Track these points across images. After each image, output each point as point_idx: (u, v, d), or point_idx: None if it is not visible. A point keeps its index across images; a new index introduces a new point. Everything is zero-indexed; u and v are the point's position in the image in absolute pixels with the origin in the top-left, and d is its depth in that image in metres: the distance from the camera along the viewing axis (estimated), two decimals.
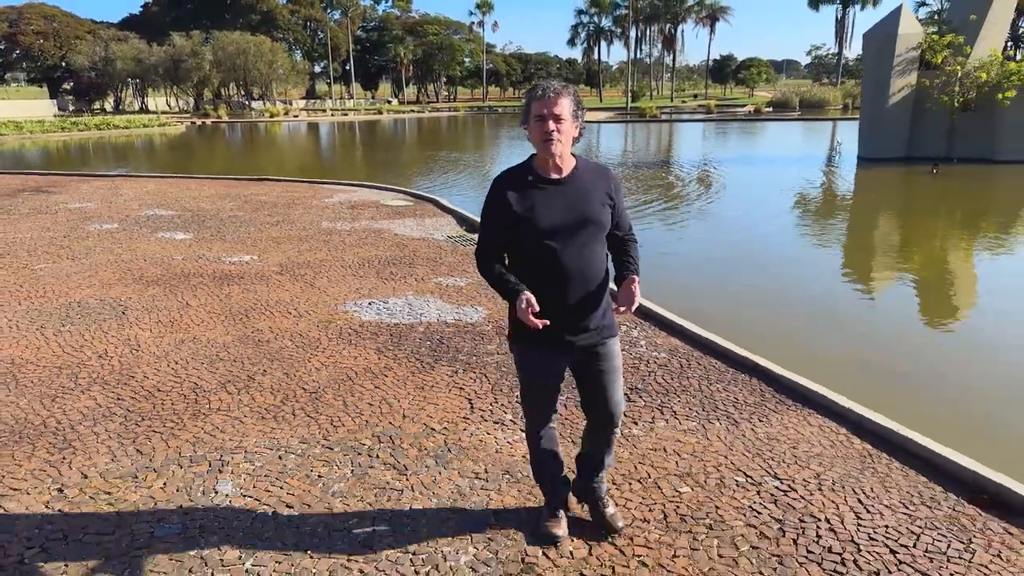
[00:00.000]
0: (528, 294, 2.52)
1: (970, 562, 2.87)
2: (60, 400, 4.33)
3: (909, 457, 3.70)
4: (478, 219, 10.50)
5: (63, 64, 79.57)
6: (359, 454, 3.69)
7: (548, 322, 2.54)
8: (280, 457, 3.66)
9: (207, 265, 7.85)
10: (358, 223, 10.49)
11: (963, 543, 2.99)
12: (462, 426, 4.02)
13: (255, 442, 3.82)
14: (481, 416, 4.15)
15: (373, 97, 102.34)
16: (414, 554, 2.89)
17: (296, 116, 62.31)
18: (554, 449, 2.94)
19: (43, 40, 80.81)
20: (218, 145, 33.10)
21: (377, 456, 3.67)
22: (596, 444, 2.97)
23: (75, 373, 4.75)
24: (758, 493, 3.34)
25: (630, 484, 3.42)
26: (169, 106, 77.83)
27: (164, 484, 3.40)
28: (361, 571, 2.78)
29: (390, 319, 5.95)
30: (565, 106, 2.55)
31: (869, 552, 2.92)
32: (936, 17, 18.75)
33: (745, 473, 3.52)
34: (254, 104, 72.36)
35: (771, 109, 58.39)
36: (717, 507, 3.23)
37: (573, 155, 2.70)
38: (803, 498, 3.31)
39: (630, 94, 77.97)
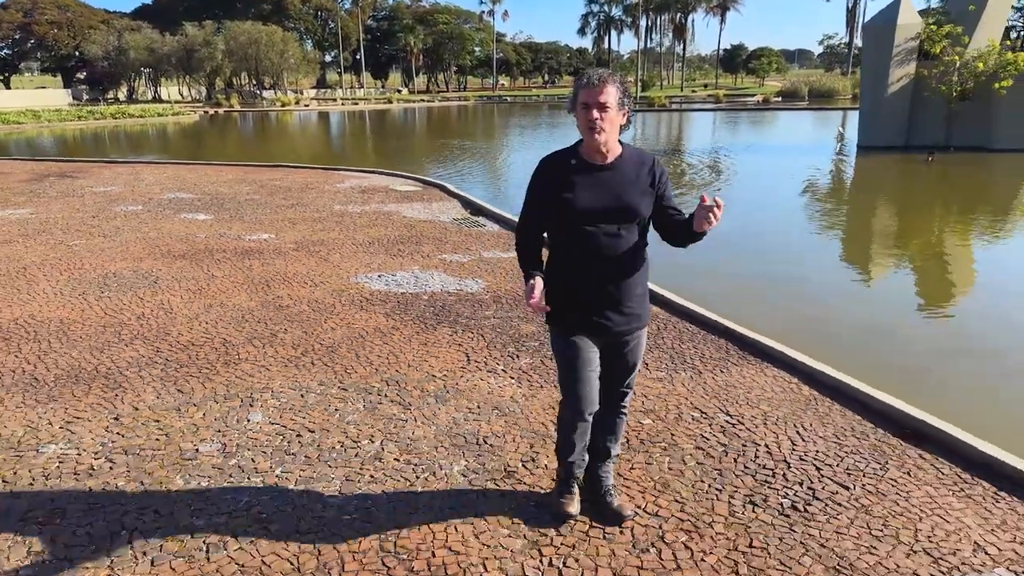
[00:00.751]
0: (536, 280, 2.64)
1: (882, 477, 3.42)
2: (107, 351, 4.93)
3: (849, 400, 4.24)
4: (482, 203, 11.09)
5: (77, 53, 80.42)
6: (370, 394, 4.27)
7: (549, 308, 2.68)
8: (302, 396, 4.24)
9: (228, 242, 8.45)
10: (369, 206, 11.07)
11: (880, 464, 3.54)
12: (459, 374, 4.59)
13: (280, 384, 4.41)
14: (476, 366, 4.72)
15: (383, 86, 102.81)
16: (416, 465, 3.47)
17: (307, 105, 62.90)
18: (581, 438, 2.96)
19: (57, 30, 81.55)
20: (232, 133, 33.75)
21: (385, 395, 4.25)
22: (604, 430, 3.03)
23: (118, 331, 5.36)
24: (709, 425, 3.91)
25: None
26: (181, 95, 78.58)
27: (203, 415, 4.00)
28: (371, 477, 3.37)
29: (397, 289, 6.53)
30: (611, 94, 2.57)
31: (798, 468, 3.48)
32: (935, 8, 19.01)
33: (701, 410, 4.08)
34: (265, 93, 73.03)
35: (780, 99, 58.53)
36: (672, 434, 3.79)
37: (620, 143, 2.73)
38: (748, 429, 3.86)
39: (640, 83, 78.11)
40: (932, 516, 3.10)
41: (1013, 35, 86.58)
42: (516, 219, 9.58)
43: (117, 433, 3.78)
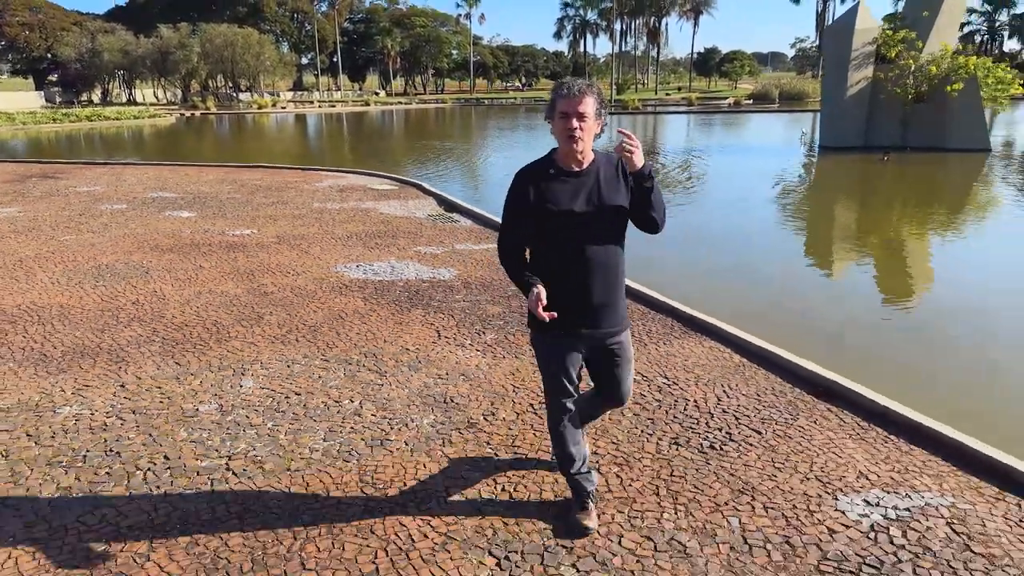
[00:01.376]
0: (539, 288, 2.64)
1: (791, 424, 3.99)
2: (107, 332, 5.39)
3: (773, 366, 4.82)
4: (456, 200, 11.61)
5: (49, 56, 79.62)
6: (349, 364, 4.78)
7: (556, 315, 2.64)
8: (288, 366, 4.74)
9: (213, 237, 8.90)
10: (347, 203, 11.54)
11: (791, 415, 4.12)
12: (431, 347, 5.11)
13: (268, 357, 4.90)
14: (446, 341, 5.24)
15: (360, 89, 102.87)
16: (390, 419, 3.99)
17: (284, 108, 62.99)
18: (575, 441, 2.97)
19: (28, 31, 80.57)
20: (209, 135, 33.94)
21: (363, 365, 4.76)
22: (595, 409, 3.21)
23: (115, 314, 5.81)
24: (648, 386, 4.46)
25: None
26: (157, 98, 78.15)
27: (200, 382, 4.48)
28: (352, 428, 3.88)
29: (375, 277, 7.03)
30: (589, 105, 2.64)
31: (719, 418, 4.04)
32: (891, 14, 19.82)
33: (642, 374, 4.64)
34: (242, 96, 72.91)
35: (751, 101, 59.64)
36: None
37: (593, 151, 2.80)
38: (681, 389, 4.43)
39: (615, 87, 78.99)
40: (828, 453, 3.68)
41: (977, 39, 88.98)
42: (488, 215, 10.11)
43: (124, 397, 4.25)
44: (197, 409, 4.10)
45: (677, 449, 3.67)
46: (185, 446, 3.67)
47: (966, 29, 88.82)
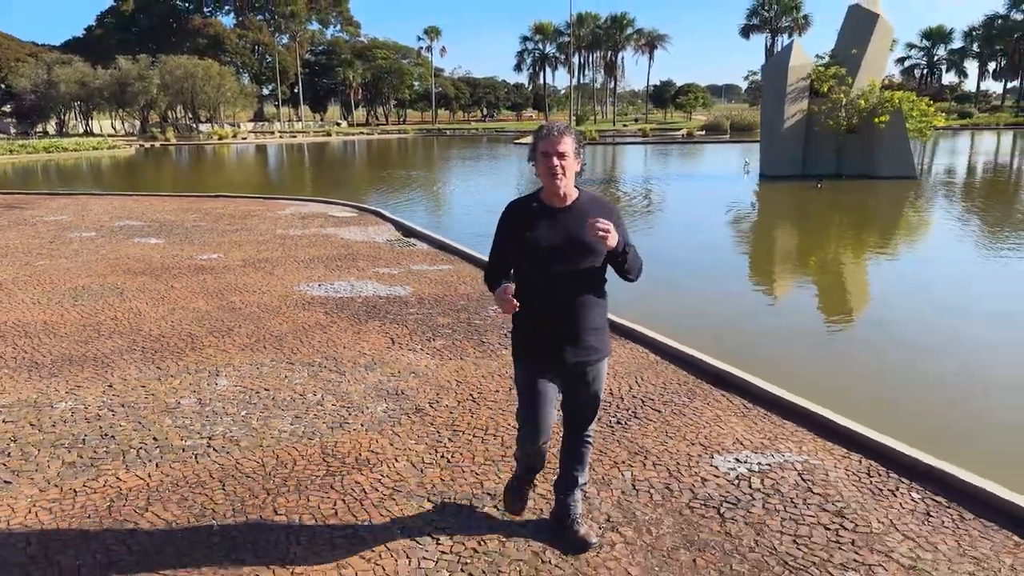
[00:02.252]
0: (505, 283, 2.83)
1: (687, 405, 4.75)
2: (91, 343, 5.96)
3: (681, 362, 5.59)
4: (414, 226, 12.32)
5: (2, 86, 78.77)
6: (312, 366, 5.43)
7: (518, 304, 2.79)
8: (257, 368, 5.37)
9: (182, 261, 9.46)
10: (308, 230, 12.17)
11: (688, 399, 4.87)
12: (385, 352, 5.79)
13: (239, 360, 5.52)
14: (399, 347, 5.92)
15: (322, 119, 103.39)
16: (348, 407, 4.65)
17: (245, 138, 63.26)
18: (541, 462, 3.12)
19: None
20: (170, 166, 34.20)
21: (324, 367, 5.41)
22: (571, 457, 3.19)
23: (96, 328, 6.37)
24: None
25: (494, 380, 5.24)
26: (114, 129, 77.66)
27: (179, 382, 5.09)
28: (315, 415, 4.53)
29: (335, 294, 7.68)
30: (568, 144, 2.83)
31: (628, 402, 4.79)
32: (823, 52, 21.30)
33: None
34: (202, 127, 72.94)
35: (704, 132, 61.63)
36: None
37: (577, 188, 2.96)
38: None
39: (575, 118, 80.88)
40: (713, 426, 4.44)
41: (917, 73, 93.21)
42: (444, 240, 10.88)
43: (113, 394, 4.84)
44: (179, 402, 4.71)
45: None
46: (170, 430, 4.29)
47: (907, 63, 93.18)
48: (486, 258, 3.31)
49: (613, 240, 2.75)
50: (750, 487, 3.70)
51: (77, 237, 11.42)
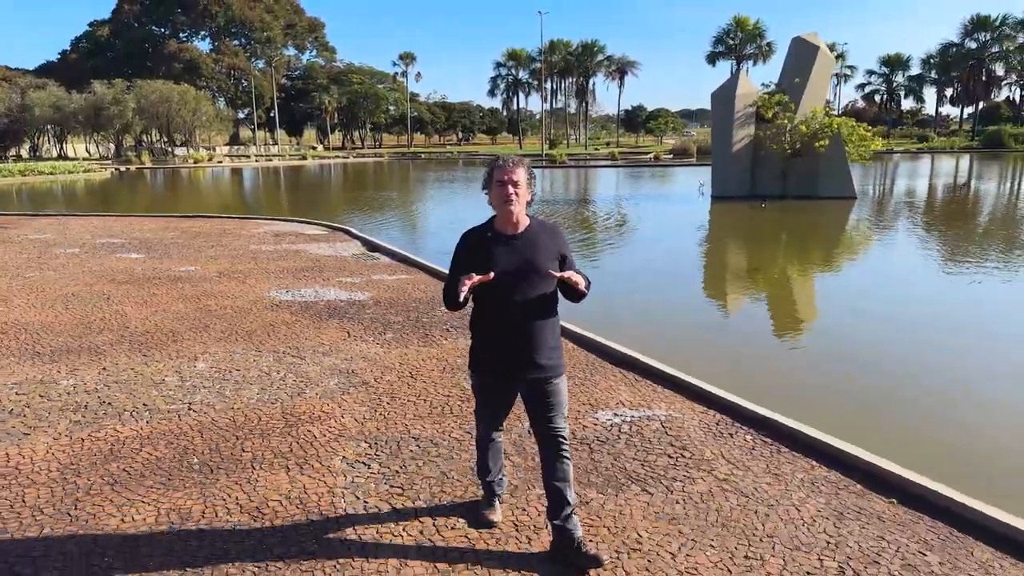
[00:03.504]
0: (463, 277, 2.99)
1: (588, 379, 5.76)
2: (85, 338, 6.85)
3: (595, 349, 6.60)
4: (379, 242, 13.30)
5: None
6: (277, 352, 6.38)
7: (478, 278, 2.97)
8: (231, 355, 6.31)
9: (162, 272, 10.35)
10: (280, 246, 13.10)
11: (591, 375, 5.88)
12: (341, 343, 6.74)
13: (215, 349, 6.45)
14: (354, 339, 6.88)
15: (298, 143, 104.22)
16: (306, 382, 5.60)
17: (220, 162, 63.90)
18: (495, 458, 3.52)
19: None
20: (146, 189, 34.89)
21: (288, 354, 6.36)
22: (552, 477, 3.22)
23: (88, 327, 7.26)
24: None
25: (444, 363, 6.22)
26: (89, 152, 77.86)
27: (163, 365, 6.01)
28: (278, 387, 5.47)
29: (301, 299, 8.63)
30: (521, 174, 3.08)
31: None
32: (768, 82, 22.93)
33: None
34: (178, 151, 73.43)
35: (672, 156, 63.42)
36: None
37: (528, 216, 3.19)
38: None
39: (548, 142, 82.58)
40: (605, 392, 5.45)
41: (877, 98, 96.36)
42: (406, 253, 11.99)
43: (107, 375, 5.75)
44: (164, 380, 5.64)
45: None
46: (157, 398, 5.21)
47: (867, 89, 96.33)
48: (442, 268, 4.23)
49: (579, 279, 3.09)
50: (619, 431, 4.71)
51: (62, 253, 12.25)
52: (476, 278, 2.97)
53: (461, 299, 3.00)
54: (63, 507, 3.70)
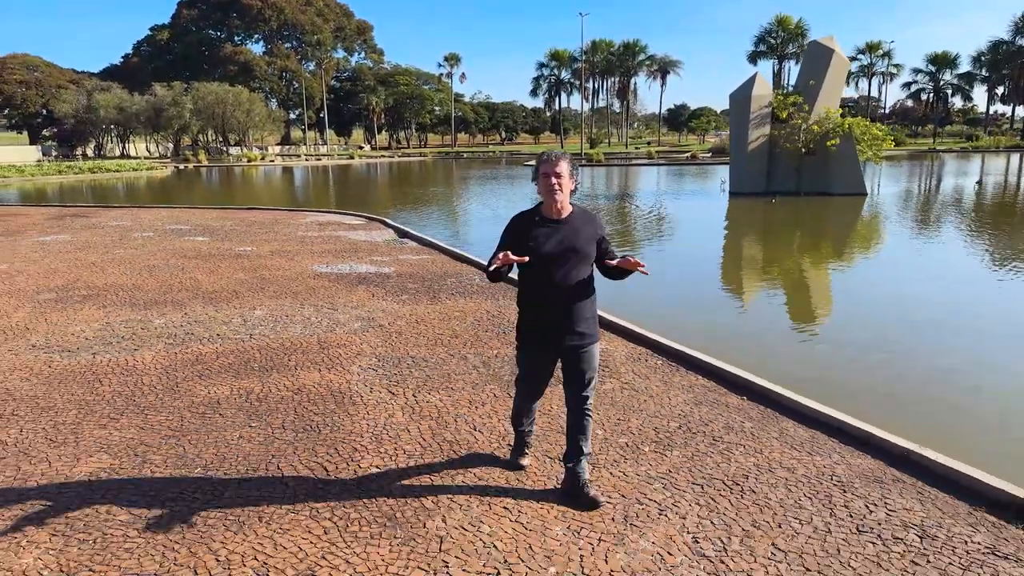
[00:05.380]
0: (500, 254, 3.35)
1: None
2: (168, 294, 8.73)
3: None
4: (408, 229, 15.07)
5: (44, 111, 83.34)
6: (316, 306, 8.14)
7: (514, 257, 3.33)
8: (281, 306, 8.09)
9: (224, 251, 12.28)
10: (323, 232, 14.98)
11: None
12: (367, 301, 8.48)
13: (269, 303, 8.26)
14: (377, 299, 8.60)
15: (346, 143, 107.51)
16: (336, 324, 7.34)
17: (272, 161, 66.87)
18: (529, 422, 4.01)
19: (25, 89, 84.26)
20: (205, 185, 37.50)
21: (324, 307, 8.12)
22: (576, 430, 3.66)
23: (169, 287, 9.16)
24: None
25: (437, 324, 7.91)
26: (149, 151, 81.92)
27: (230, 312, 7.81)
28: (316, 326, 7.22)
29: (337, 271, 10.42)
30: (564, 167, 3.43)
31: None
32: (785, 84, 24.21)
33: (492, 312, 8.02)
34: (232, 150, 76.86)
35: (710, 155, 64.17)
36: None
37: (572, 204, 3.51)
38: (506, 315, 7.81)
39: (589, 142, 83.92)
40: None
41: (923, 97, 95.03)
42: (431, 239, 13.95)
43: (188, 318, 7.58)
44: (231, 320, 7.45)
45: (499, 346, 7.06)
46: (227, 331, 7.02)
47: (913, 87, 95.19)
48: (459, 251, 5.70)
49: (643, 267, 3.36)
50: None
51: (139, 236, 14.33)
52: (511, 257, 3.34)
53: (491, 268, 3.39)
54: (169, 384, 5.50)
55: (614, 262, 3.50)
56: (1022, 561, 3.28)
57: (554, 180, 3.44)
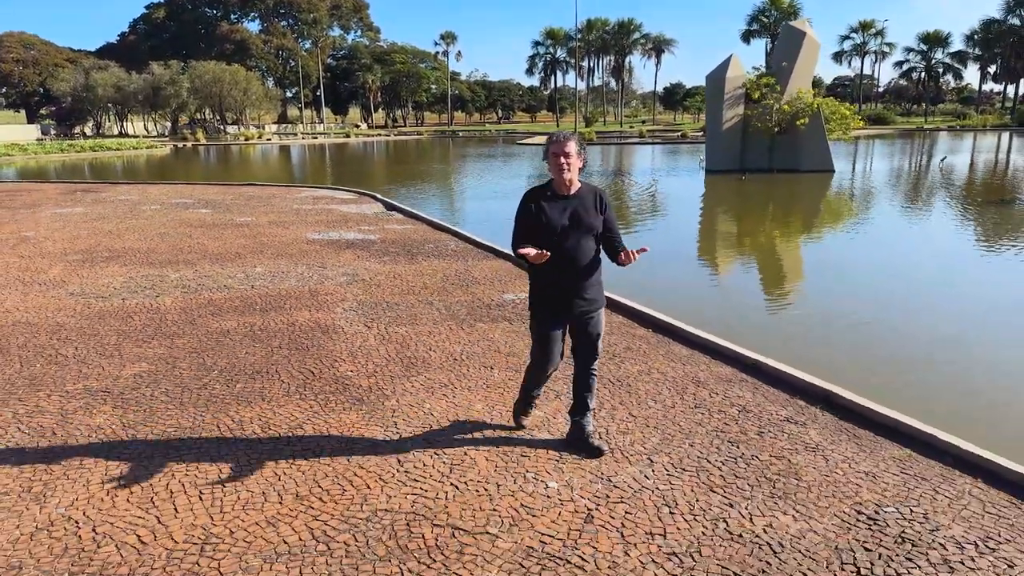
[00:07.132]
0: (527, 248, 3.61)
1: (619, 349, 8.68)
2: (179, 255, 10.02)
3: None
4: (396, 203, 16.33)
5: (42, 90, 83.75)
6: (309, 265, 9.45)
7: (535, 252, 3.55)
8: (278, 264, 9.40)
9: (226, 221, 13.56)
10: (317, 206, 16.24)
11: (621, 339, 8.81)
12: (353, 261, 9.78)
13: (267, 262, 9.56)
14: (361, 260, 9.90)
15: (342, 122, 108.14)
16: (325, 278, 8.64)
17: (269, 139, 67.79)
18: (539, 389, 4.31)
19: (23, 67, 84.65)
20: (204, 163, 38.63)
21: (316, 266, 9.42)
22: (582, 388, 4.06)
23: (180, 250, 10.45)
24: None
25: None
26: (147, 130, 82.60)
27: (234, 269, 9.11)
28: (308, 280, 8.53)
29: (328, 238, 11.71)
30: (572, 147, 3.73)
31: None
32: (759, 66, 25.45)
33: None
34: (229, 128, 77.58)
35: (702, 133, 65.15)
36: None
37: (580, 181, 3.83)
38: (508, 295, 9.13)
39: (584, 120, 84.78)
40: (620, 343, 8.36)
41: (915, 76, 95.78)
42: (416, 212, 15.45)
43: (198, 273, 8.88)
44: (235, 275, 8.76)
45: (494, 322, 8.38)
46: (232, 283, 8.33)
47: (904, 67, 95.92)
48: (440, 222, 6.85)
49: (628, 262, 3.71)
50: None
51: (148, 209, 15.59)
52: (533, 251, 3.58)
53: (519, 252, 3.66)
54: (187, 320, 6.82)
55: (620, 257, 3.83)
56: (806, 425, 4.61)
57: (563, 159, 3.73)
